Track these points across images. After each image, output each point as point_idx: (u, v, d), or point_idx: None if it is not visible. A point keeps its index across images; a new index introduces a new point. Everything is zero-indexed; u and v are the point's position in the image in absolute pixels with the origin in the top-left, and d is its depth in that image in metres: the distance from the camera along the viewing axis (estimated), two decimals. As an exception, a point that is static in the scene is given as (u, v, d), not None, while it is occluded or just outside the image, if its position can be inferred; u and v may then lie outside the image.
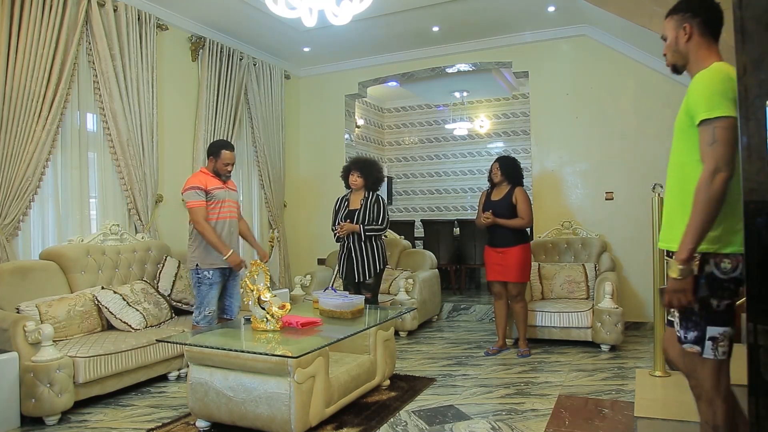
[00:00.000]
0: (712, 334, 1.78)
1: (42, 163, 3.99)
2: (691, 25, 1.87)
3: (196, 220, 3.78)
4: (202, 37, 5.48)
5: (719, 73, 1.76)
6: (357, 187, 4.52)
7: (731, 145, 1.67)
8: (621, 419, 3.02)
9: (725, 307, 1.77)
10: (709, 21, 1.87)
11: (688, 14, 1.89)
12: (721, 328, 1.78)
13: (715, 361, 1.78)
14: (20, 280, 3.57)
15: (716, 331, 1.78)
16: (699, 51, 1.87)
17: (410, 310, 4.85)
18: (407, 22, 5.59)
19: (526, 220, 4.46)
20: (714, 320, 1.78)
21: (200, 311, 3.84)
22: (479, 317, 6.03)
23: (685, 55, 1.90)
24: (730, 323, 1.78)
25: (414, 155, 9.81)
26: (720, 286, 1.77)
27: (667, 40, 1.95)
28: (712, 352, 1.78)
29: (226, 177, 4.00)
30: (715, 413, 1.79)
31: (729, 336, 1.78)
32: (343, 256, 4.51)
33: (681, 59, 1.93)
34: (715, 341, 1.78)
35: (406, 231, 7.05)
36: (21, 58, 3.82)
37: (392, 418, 3.11)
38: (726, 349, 1.78)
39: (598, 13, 5.11)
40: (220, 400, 2.86)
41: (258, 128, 6.20)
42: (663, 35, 1.96)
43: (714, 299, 1.77)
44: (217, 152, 3.94)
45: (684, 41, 1.89)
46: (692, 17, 1.87)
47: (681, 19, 1.90)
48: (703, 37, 1.87)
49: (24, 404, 3.07)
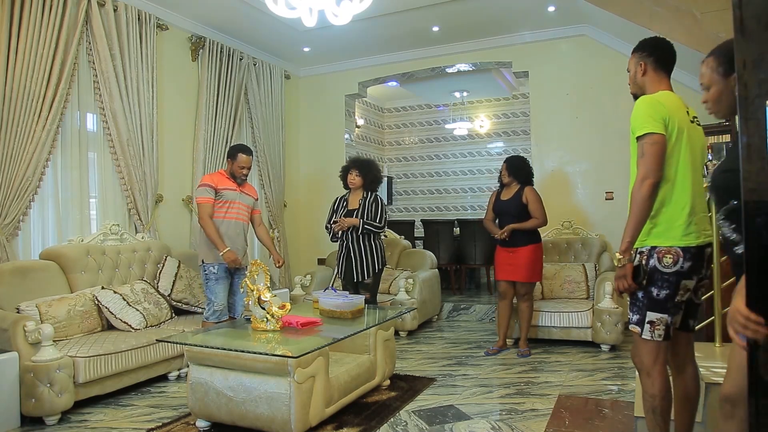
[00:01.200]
0: (650, 319, 2.08)
1: (42, 163, 3.99)
2: (646, 63, 2.27)
3: (200, 215, 3.92)
4: (202, 37, 5.48)
5: (651, 98, 2.13)
6: (355, 186, 4.52)
7: (657, 156, 2.04)
8: (621, 419, 3.02)
9: (664, 296, 2.06)
10: (661, 59, 2.26)
11: (644, 53, 2.28)
12: (659, 315, 2.07)
13: (652, 342, 2.08)
14: (20, 280, 3.57)
15: (654, 317, 2.07)
16: (652, 83, 2.25)
17: (410, 310, 4.85)
18: (407, 22, 5.59)
19: (541, 219, 4.46)
20: (653, 307, 2.07)
21: (209, 307, 3.95)
22: (479, 317, 6.03)
23: (642, 86, 2.29)
24: (667, 311, 2.06)
25: (414, 155, 9.81)
26: (661, 277, 2.05)
27: (630, 73, 2.35)
28: (649, 334, 2.08)
29: (241, 180, 4.08)
30: (653, 384, 2.11)
31: (665, 322, 2.07)
32: (342, 256, 4.51)
33: (639, 90, 2.30)
34: (653, 325, 2.08)
35: (406, 231, 7.04)
36: (21, 58, 3.82)
37: (392, 418, 3.11)
38: (662, 333, 2.07)
39: (598, 13, 5.11)
40: (220, 400, 2.86)
41: (258, 128, 6.20)
42: (628, 69, 2.36)
43: (655, 288, 2.06)
44: (234, 155, 4.05)
45: (641, 75, 2.28)
46: (648, 56, 2.27)
47: (639, 56, 2.29)
48: (656, 72, 2.26)
49: (24, 404, 3.07)
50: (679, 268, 2.05)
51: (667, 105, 2.11)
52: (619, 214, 5.45)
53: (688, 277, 2.06)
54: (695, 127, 2.21)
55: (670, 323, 2.08)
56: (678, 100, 2.20)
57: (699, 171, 2.17)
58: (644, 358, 2.11)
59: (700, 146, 2.19)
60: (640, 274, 2.08)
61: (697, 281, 2.13)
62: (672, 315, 2.08)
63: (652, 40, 2.33)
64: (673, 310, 2.08)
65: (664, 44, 2.29)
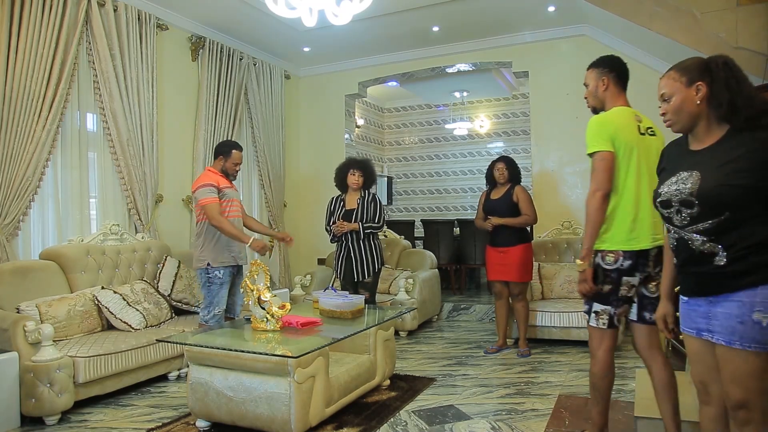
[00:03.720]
0: (596, 309, 2.39)
1: (42, 163, 3.99)
2: (608, 78, 2.49)
3: (213, 216, 3.75)
4: (202, 37, 5.48)
5: (600, 118, 2.39)
6: (357, 186, 4.50)
7: (606, 171, 2.29)
8: (621, 419, 3.02)
9: (608, 290, 2.35)
10: (620, 75, 2.50)
11: (606, 69, 2.51)
12: (603, 306, 2.37)
13: (597, 329, 2.40)
14: (20, 280, 3.57)
15: (599, 307, 2.38)
16: (612, 98, 2.48)
17: (410, 310, 4.85)
18: (407, 22, 5.59)
19: (531, 216, 4.47)
20: (598, 299, 2.38)
21: (209, 310, 3.83)
22: (479, 317, 6.03)
23: (602, 100, 2.50)
24: (610, 304, 2.36)
25: (414, 155, 9.81)
26: (604, 273, 2.35)
27: (588, 87, 2.55)
28: (595, 322, 2.40)
29: (233, 177, 4.05)
30: (595, 364, 2.43)
31: (609, 313, 2.37)
32: (341, 256, 4.50)
33: (599, 103, 2.51)
34: (598, 314, 2.39)
35: (406, 231, 7.04)
36: (21, 58, 3.82)
37: (392, 418, 3.11)
38: (605, 322, 2.37)
39: (598, 13, 5.11)
40: (220, 400, 2.86)
41: (258, 128, 6.20)
42: (585, 83, 2.56)
43: (600, 284, 2.35)
44: (228, 152, 3.97)
45: (602, 90, 2.50)
46: (609, 72, 2.50)
47: (600, 72, 2.51)
48: (616, 87, 2.49)
49: (24, 404, 3.07)
50: (619, 266, 2.31)
51: (615, 123, 2.35)
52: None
53: (630, 274, 2.32)
54: (647, 138, 2.39)
55: (614, 314, 2.37)
56: (630, 115, 2.42)
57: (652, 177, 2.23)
58: (592, 342, 2.45)
59: (654, 153, 2.27)
60: (599, 277, 2.35)
61: (645, 278, 2.34)
62: (615, 307, 2.36)
63: (611, 57, 2.58)
64: (616, 303, 2.35)
65: (622, 62, 2.55)
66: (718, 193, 1.63)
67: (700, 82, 1.73)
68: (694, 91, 1.74)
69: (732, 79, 1.69)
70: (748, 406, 1.62)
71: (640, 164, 2.33)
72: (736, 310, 1.62)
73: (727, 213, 1.63)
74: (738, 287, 1.63)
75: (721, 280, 1.66)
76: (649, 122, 2.47)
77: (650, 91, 5.04)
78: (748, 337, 1.59)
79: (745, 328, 1.59)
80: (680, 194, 1.72)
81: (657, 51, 5.23)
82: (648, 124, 2.46)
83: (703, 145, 1.76)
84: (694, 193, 1.68)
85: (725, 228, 1.64)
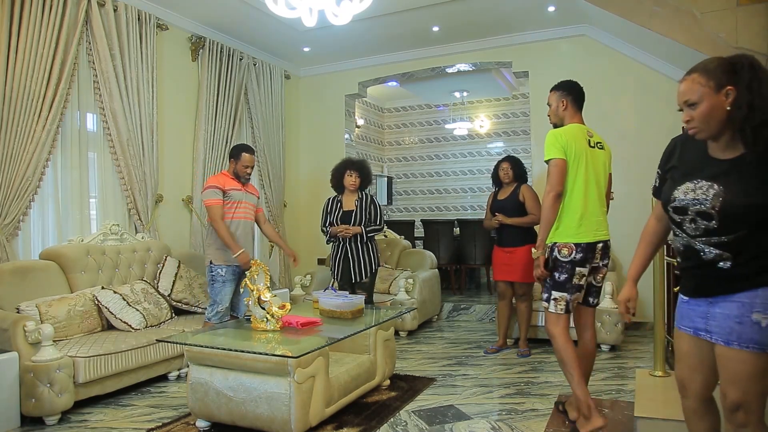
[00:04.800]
0: (554, 296, 2.77)
1: (42, 163, 3.99)
2: (567, 100, 2.95)
3: (212, 218, 3.92)
4: (202, 37, 5.48)
5: (555, 132, 2.83)
6: (355, 187, 4.50)
7: (559, 175, 2.74)
8: (621, 419, 3.02)
9: (563, 279, 2.74)
10: (577, 98, 2.96)
11: (565, 92, 2.96)
12: (559, 293, 2.76)
13: (554, 314, 2.78)
14: (20, 280, 3.57)
15: (557, 295, 2.76)
16: (570, 116, 2.94)
17: (410, 310, 4.85)
18: (407, 22, 5.59)
19: (538, 216, 4.46)
20: (556, 287, 2.76)
21: (213, 308, 3.94)
22: (479, 317, 6.03)
23: (562, 118, 2.96)
24: (566, 291, 2.75)
25: (414, 155, 9.81)
26: (560, 265, 2.75)
27: (551, 107, 3.00)
28: (554, 308, 2.78)
29: (245, 179, 4.11)
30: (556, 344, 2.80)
31: (565, 299, 2.75)
32: (338, 257, 4.51)
33: (559, 120, 2.97)
34: (556, 301, 2.76)
35: (406, 231, 7.04)
36: (21, 58, 3.82)
37: (392, 418, 3.11)
38: (563, 307, 2.76)
39: (598, 13, 5.11)
40: (220, 400, 2.86)
41: (258, 128, 6.20)
42: (549, 103, 3.02)
43: (557, 273, 2.76)
44: (237, 155, 4.07)
45: (562, 109, 2.96)
46: (568, 95, 2.95)
47: (561, 95, 2.96)
48: (573, 107, 2.95)
49: (24, 404, 3.07)
50: (573, 258, 2.73)
51: (568, 135, 2.79)
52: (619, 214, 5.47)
53: (581, 265, 2.74)
54: (596, 151, 2.87)
55: (569, 300, 2.76)
56: (582, 130, 2.87)
57: (599, 183, 2.83)
58: (548, 325, 2.82)
59: (601, 164, 2.87)
60: (549, 263, 2.80)
61: (592, 269, 2.80)
62: (570, 294, 2.76)
63: (570, 82, 3.00)
64: (570, 290, 2.75)
65: (579, 87, 2.99)
66: (744, 212, 1.60)
67: (730, 87, 1.60)
68: (723, 96, 1.61)
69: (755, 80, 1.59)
70: (745, 407, 1.61)
71: (587, 171, 2.79)
72: (736, 310, 1.62)
73: (745, 230, 1.62)
74: (740, 289, 1.63)
75: (723, 282, 1.66)
76: (598, 138, 2.95)
77: (651, 91, 5.07)
78: (747, 337, 1.59)
79: (743, 328, 1.59)
80: (699, 205, 1.67)
81: (657, 51, 5.23)
82: (597, 139, 2.94)
83: (726, 155, 1.67)
84: (716, 207, 1.63)
85: (739, 242, 1.63)
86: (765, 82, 1.59)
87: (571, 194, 2.78)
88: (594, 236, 2.76)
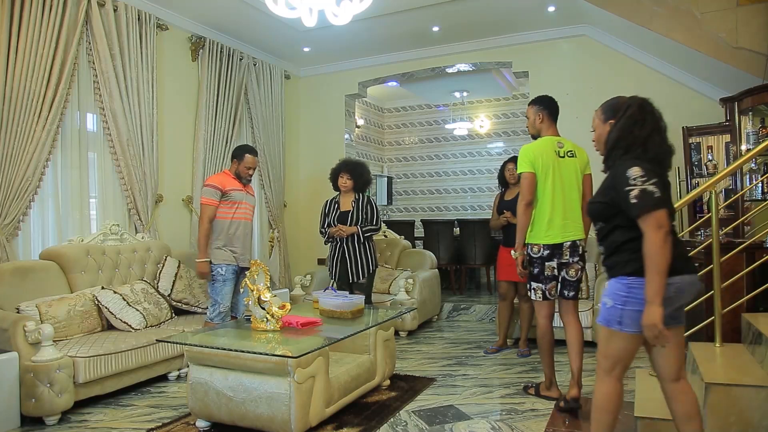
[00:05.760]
0: (533, 287, 3.29)
1: (42, 163, 3.99)
2: (543, 114, 3.32)
3: (201, 216, 3.95)
4: (202, 37, 5.48)
5: (526, 148, 3.26)
6: (346, 189, 4.54)
7: (528, 186, 3.18)
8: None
9: (537, 272, 3.25)
10: (552, 112, 3.33)
11: (542, 107, 3.33)
12: (536, 284, 3.26)
13: (536, 301, 3.31)
14: (20, 280, 3.57)
15: (535, 285, 3.28)
16: (546, 129, 3.33)
17: (410, 310, 4.85)
18: (407, 22, 5.59)
19: None
20: (533, 279, 3.28)
21: (214, 308, 3.94)
22: (479, 317, 6.02)
23: (539, 130, 3.34)
24: (540, 281, 3.24)
25: (414, 155, 9.81)
26: (533, 261, 3.26)
27: (529, 119, 3.37)
28: (534, 296, 3.31)
29: (246, 180, 4.12)
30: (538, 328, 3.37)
31: (541, 289, 3.26)
32: (335, 257, 4.53)
33: (536, 132, 3.34)
34: (534, 290, 3.29)
35: (406, 231, 7.04)
36: (21, 58, 3.82)
37: (392, 418, 3.11)
38: (540, 295, 3.27)
39: (598, 13, 5.11)
40: (220, 400, 2.86)
41: (258, 128, 6.20)
42: (527, 116, 3.40)
43: (532, 268, 3.27)
44: (240, 155, 4.08)
45: (539, 122, 3.33)
46: (544, 109, 3.32)
47: (538, 109, 3.33)
48: (548, 120, 3.33)
49: (24, 404, 3.07)
50: (541, 255, 3.22)
51: (536, 151, 3.20)
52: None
53: (549, 260, 3.21)
54: (566, 160, 3.24)
55: (545, 290, 3.25)
56: (552, 142, 3.26)
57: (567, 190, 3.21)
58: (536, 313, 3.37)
59: (572, 171, 3.24)
60: (531, 263, 3.27)
61: (563, 264, 3.22)
62: (544, 284, 3.24)
63: (546, 97, 3.37)
64: (544, 281, 3.24)
65: (555, 101, 3.36)
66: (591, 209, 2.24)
67: (612, 120, 2.21)
68: (608, 126, 2.24)
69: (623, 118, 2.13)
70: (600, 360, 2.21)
71: (555, 181, 3.18)
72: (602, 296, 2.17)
73: (600, 225, 2.21)
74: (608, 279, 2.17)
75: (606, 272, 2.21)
76: (570, 146, 3.29)
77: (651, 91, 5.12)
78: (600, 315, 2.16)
79: (602, 308, 2.15)
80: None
81: (657, 51, 5.23)
82: (569, 148, 3.28)
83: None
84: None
85: (602, 235, 2.20)
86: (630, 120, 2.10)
87: (541, 202, 3.20)
88: (562, 237, 3.19)
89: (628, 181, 2.00)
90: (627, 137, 2.09)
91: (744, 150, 4.18)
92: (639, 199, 1.97)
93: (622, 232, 2.08)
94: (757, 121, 4.22)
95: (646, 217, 1.96)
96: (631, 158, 2.06)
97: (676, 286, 1.99)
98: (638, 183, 1.98)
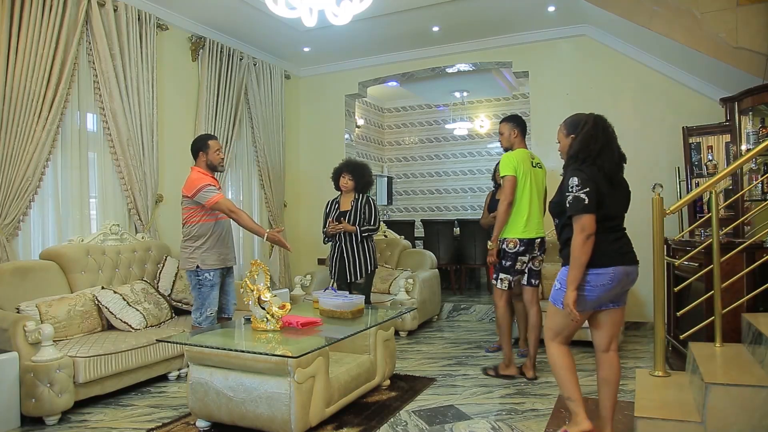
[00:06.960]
0: (501, 277, 3.78)
1: (42, 163, 3.99)
2: (517, 131, 3.88)
3: (231, 209, 3.67)
4: (202, 37, 5.48)
5: (508, 155, 3.82)
6: (347, 189, 4.56)
7: (511, 188, 3.70)
8: (621, 419, 3.02)
9: (508, 265, 3.75)
10: (523, 129, 3.92)
11: (515, 125, 3.89)
12: (504, 275, 3.76)
13: (500, 289, 3.80)
14: (20, 280, 3.57)
15: (502, 275, 3.78)
16: (518, 143, 3.89)
17: (410, 310, 4.86)
18: (407, 22, 5.59)
19: None
20: (503, 270, 3.77)
21: (201, 312, 3.71)
22: (479, 317, 6.03)
23: (512, 144, 3.88)
24: (509, 273, 3.76)
25: (414, 155, 9.81)
26: (505, 254, 3.75)
27: (504, 134, 3.90)
28: (500, 285, 3.79)
29: (221, 168, 3.90)
30: (497, 311, 3.94)
31: (508, 280, 3.78)
32: (335, 256, 4.54)
33: (510, 145, 3.88)
34: (501, 280, 3.78)
35: (406, 231, 7.04)
36: (21, 58, 3.82)
37: (392, 418, 3.11)
38: (506, 285, 3.78)
39: (598, 13, 5.11)
40: (220, 400, 2.86)
41: (258, 128, 6.20)
42: (501, 131, 3.93)
43: (503, 260, 3.76)
44: (204, 145, 3.80)
45: (513, 137, 3.88)
46: (516, 126, 3.89)
47: (512, 126, 3.88)
48: (520, 136, 3.89)
49: (24, 404, 3.07)
50: (516, 250, 3.72)
51: (517, 158, 3.76)
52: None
53: (523, 255, 3.73)
54: (537, 170, 3.86)
55: (512, 280, 3.78)
56: (526, 154, 3.85)
57: (539, 194, 3.83)
58: (496, 298, 3.87)
59: (541, 180, 3.88)
60: (505, 256, 3.76)
61: (531, 257, 3.77)
62: (513, 276, 3.77)
63: (517, 116, 3.96)
64: (513, 273, 3.77)
65: (524, 120, 3.97)
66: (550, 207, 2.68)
67: (573, 135, 2.61)
68: (569, 140, 2.62)
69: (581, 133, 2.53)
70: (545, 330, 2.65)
71: (531, 185, 3.75)
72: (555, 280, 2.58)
73: (556, 220, 2.61)
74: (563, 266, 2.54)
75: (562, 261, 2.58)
76: (538, 160, 3.93)
77: (651, 91, 5.10)
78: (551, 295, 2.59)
79: (552, 289, 2.58)
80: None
81: (657, 51, 5.22)
82: (537, 161, 3.91)
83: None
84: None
85: (558, 230, 2.60)
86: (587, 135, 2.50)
87: (521, 202, 3.71)
88: (535, 233, 3.75)
89: (569, 188, 2.43)
90: (584, 150, 2.49)
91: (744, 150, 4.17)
92: (571, 204, 2.41)
93: (569, 229, 2.46)
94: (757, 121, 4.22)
95: (575, 220, 2.40)
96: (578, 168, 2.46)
97: (610, 275, 2.42)
98: (574, 190, 2.40)
